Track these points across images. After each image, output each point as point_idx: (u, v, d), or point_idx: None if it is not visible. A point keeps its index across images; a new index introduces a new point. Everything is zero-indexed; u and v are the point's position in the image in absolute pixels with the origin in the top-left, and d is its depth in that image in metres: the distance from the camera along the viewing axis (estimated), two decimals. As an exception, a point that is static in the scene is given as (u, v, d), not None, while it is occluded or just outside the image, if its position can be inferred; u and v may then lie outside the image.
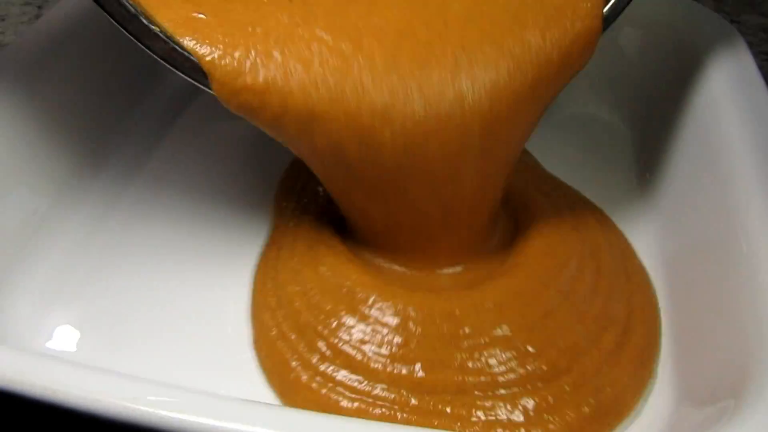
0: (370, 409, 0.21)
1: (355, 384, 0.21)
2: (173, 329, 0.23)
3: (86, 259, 0.25)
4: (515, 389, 0.21)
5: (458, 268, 0.25)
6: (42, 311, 0.24)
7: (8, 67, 0.25)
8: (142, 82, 0.31)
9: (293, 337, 0.23)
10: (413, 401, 0.21)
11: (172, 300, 0.24)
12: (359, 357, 0.22)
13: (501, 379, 0.21)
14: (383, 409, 0.21)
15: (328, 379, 0.22)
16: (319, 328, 0.23)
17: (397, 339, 0.22)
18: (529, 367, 0.21)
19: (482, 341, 0.22)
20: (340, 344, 0.22)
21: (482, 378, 0.21)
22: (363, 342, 0.22)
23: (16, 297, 0.23)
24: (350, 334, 0.22)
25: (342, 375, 0.22)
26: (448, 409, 0.21)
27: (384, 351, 0.22)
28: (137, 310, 0.24)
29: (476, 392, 0.21)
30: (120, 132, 0.29)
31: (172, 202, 0.28)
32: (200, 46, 0.21)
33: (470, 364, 0.21)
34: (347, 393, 0.21)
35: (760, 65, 0.27)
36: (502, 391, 0.21)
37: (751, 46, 0.28)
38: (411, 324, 0.22)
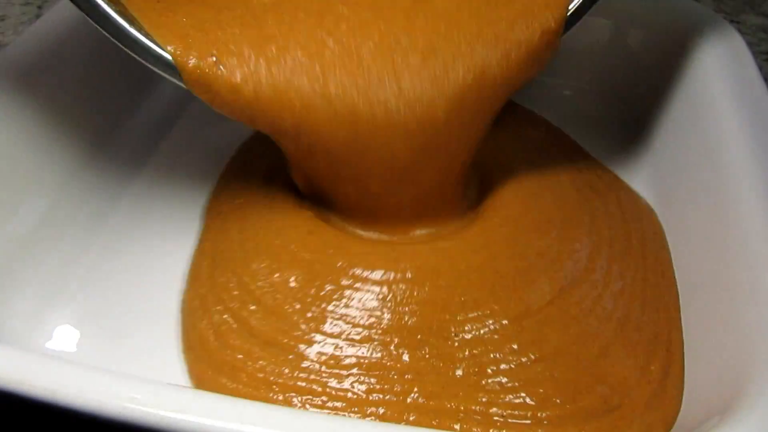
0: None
1: (318, 403, 0.20)
2: (173, 330, 0.23)
3: (86, 259, 0.25)
4: (558, 420, 0.20)
5: (430, 230, 0.25)
6: (42, 311, 0.24)
7: (8, 67, 0.25)
8: (141, 83, 0.31)
9: (212, 374, 0.21)
10: (411, 418, 0.20)
11: (172, 301, 0.24)
12: (317, 389, 0.20)
13: (541, 414, 0.20)
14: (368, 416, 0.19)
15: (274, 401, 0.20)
16: (238, 360, 0.21)
17: (371, 380, 0.20)
18: (579, 404, 0.20)
19: (517, 384, 0.20)
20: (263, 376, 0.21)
21: (517, 411, 0.20)
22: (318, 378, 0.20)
23: (16, 297, 0.23)
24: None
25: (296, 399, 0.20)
26: (457, 426, 0.19)
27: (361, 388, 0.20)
28: (137, 311, 0.24)
29: (496, 418, 0.20)
30: (120, 132, 0.29)
31: (171, 203, 0.28)
32: (171, 45, 0.21)
33: (500, 400, 0.20)
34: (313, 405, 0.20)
35: (760, 65, 0.27)
36: (544, 422, 0.20)
37: (751, 46, 0.28)
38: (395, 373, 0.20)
